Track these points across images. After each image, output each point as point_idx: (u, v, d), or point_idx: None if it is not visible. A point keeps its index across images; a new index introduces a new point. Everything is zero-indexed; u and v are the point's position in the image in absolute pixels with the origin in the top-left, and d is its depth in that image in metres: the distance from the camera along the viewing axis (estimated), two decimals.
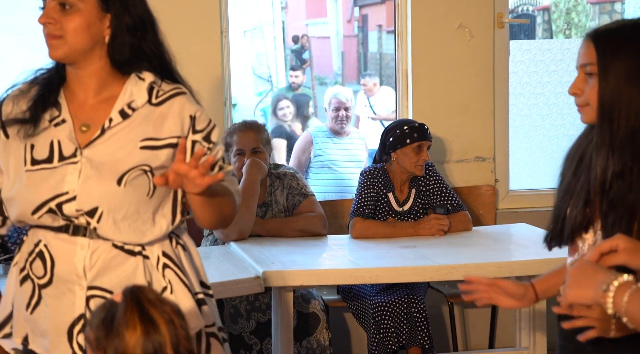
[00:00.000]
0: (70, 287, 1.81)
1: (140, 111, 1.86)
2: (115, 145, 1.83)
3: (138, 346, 1.38)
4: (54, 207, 1.80)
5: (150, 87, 1.87)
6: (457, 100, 4.10)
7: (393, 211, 3.64)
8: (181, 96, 1.88)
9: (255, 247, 3.28)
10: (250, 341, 3.38)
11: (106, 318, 1.42)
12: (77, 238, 1.82)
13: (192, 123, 1.87)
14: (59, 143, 1.83)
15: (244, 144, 3.52)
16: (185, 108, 1.87)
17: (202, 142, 1.88)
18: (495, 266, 3.09)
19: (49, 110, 1.86)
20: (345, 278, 3.15)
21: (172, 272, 1.87)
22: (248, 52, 8.52)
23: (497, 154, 4.18)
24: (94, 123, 1.85)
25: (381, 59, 10.13)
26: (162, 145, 1.85)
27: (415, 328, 3.45)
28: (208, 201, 1.84)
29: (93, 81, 1.86)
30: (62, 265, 1.82)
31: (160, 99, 1.87)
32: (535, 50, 4.31)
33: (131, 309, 1.40)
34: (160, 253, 1.86)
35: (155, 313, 1.41)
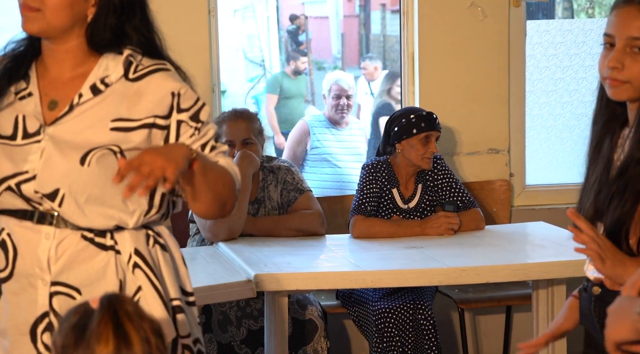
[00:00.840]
0: (32, 282, 1.81)
1: (115, 87, 1.85)
2: (84, 123, 1.82)
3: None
4: (13, 186, 1.80)
5: (128, 61, 1.86)
6: (468, 87, 4.09)
7: (398, 208, 3.64)
8: (163, 72, 1.88)
9: (246, 248, 3.28)
10: (241, 351, 3.38)
11: (77, 326, 1.41)
12: (42, 226, 1.81)
13: (177, 102, 1.86)
14: (24, 118, 1.83)
15: (234, 135, 3.52)
16: (166, 85, 1.86)
17: (189, 121, 1.87)
18: (510, 269, 3.09)
19: (16, 83, 1.86)
20: (345, 282, 3.16)
21: (142, 274, 1.85)
22: (239, 34, 8.51)
23: (512, 146, 4.18)
24: (62, 100, 1.85)
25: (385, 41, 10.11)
26: (136, 127, 1.83)
27: (422, 336, 3.46)
28: (200, 185, 1.81)
29: (68, 58, 1.87)
30: (25, 256, 1.81)
31: (138, 74, 1.86)
32: (555, 31, 4.31)
33: (106, 321, 1.39)
34: (132, 250, 1.85)
35: (132, 329, 1.39)
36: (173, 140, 1.86)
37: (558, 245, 3.35)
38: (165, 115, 1.86)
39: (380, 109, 5.86)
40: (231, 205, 1.92)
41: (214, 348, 3.37)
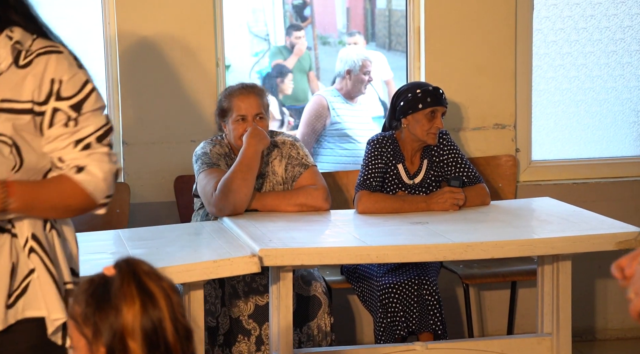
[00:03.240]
0: None
1: (5, 75, 1.84)
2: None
3: (137, 322, 1.40)
4: None
5: (15, 48, 1.84)
6: (474, 61, 4.08)
7: (403, 184, 3.63)
8: (50, 55, 1.86)
9: (251, 223, 3.28)
10: (249, 326, 3.39)
11: (96, 292, 1.42)
12: None
13: (57, 89, 1.84)
14: None
15: (246, 109, 3.49)
16: (49, 69, 1.84)
17: (68, 110, 1.85)
18: (516, 244, 3.09)
19: None
20: (350, 257, 3.16)
21: (37, 258, 1.87)
22: (243, 8, 8.46)
23: (519, 121, 4.17)
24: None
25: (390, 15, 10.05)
26: (18, 109, 1.83)
27: (427, 312, 3.47)
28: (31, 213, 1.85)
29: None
30: None
31: (27, 60, 1.85)
32: (563, 5, 4.28)
33: (128, 281, 1.41)
34: (29, 234, 1.87)
35: (154, 286, 1.42)
36: (46, 127, 1.85)
37: (564, 221, 3.35)
38: (42, 101, 1.84)
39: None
40: (93, 208, 1.91)
41: (226, 321, 3.39)
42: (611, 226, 3.21)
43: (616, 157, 4.31)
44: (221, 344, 3.36)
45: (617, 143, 4.34)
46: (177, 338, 1.41)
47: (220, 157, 3.51)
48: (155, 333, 1.40)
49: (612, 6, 4.28)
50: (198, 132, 3.85)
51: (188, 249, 3.06)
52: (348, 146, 4.29)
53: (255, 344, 3.37)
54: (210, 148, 3.52)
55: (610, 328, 4.27)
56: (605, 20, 4.28)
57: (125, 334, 1.39)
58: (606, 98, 4.33)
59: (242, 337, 3.38)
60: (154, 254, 2.97)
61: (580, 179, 4.23)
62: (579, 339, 4.06)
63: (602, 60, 4.31)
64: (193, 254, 2.98)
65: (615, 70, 4.31)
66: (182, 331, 1.42)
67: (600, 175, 4.25)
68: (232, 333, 3.39)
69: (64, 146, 1.87)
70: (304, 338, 3.42)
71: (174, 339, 1.41)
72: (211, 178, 3.42)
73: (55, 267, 1.89)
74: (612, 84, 4.31)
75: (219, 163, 3.48)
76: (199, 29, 3.86)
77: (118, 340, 1.39)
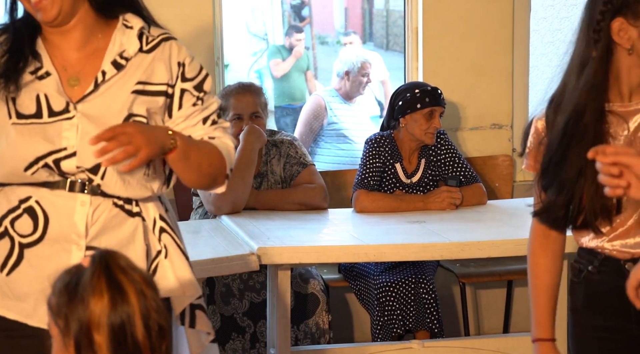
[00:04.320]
0: (66, 246, 1.84)
1: (134, 60, 1.89)
2: (110, 98, 1.86)
3: (104, 316, 1.36)
4: (51, 163, 1.83)
5: (140, 33, 1.90)
6: (472, 61, 4.08)
7: (400, 183, 3.63)
8: (171, 41, 1.93)
9: (249, 221, 3.28)
10: (243, 324, 3.39)
11: (70, 283, 1.40)
12: (76, 194, 1.85)
13: (182, 71, 1.91)
14: (46, 97, 1.86)
15: (242, 108, 3.51)
16: (174, 54, 1.91)
17: (193, 90, 1.92)
18: (512, 243, 3.09)
19: (28, 63, 1.88)
20: (348, 256, 3.16)
21: (169, 237, 1.92)
22: (242, 8, 8.46)
23: (516, 121, 4.17)
24: (83, 77, 1.88)
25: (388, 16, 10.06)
26: (155, 91, 1.88)
27: (424, 310, 3.47)
28: (182, 164, 1.86)
29: (78, 33, 1.88)
30: (59, 222, 1.84)
31: (150, 45, 1.91)
32: (560, 6, 4.28)
33: (99, 274, 1.38)
34: (157, 215, 1.91)
35: (126, 281, 1.38)
36: (176, 109, 1.91)
37: None
38: (174, 83, 1.91)
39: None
40: (222, 180, 1.96)
41: (217, 319, 3.39)
42: None
43: None
44: None
45: None
46: (146, 336, 1.37)
47: None
48: (123, 329, 1.36)
49: None
50: None
51: (187, 247, 3.05)
52: (345, 146, 4.29)
53: (250, 341, 3.38)
54: None
55: None
56: None
57: (91, 328, 1.36)
58: None
59: (235, 335, 3.38)
60: None
61: None
62: None
63: None
64: (191, 252, 2.92)
65: None
66: (154, 328, 1.38)
67: None
68: (223, 331, 3.38)
69: (194, 123, 1.92)
70: (301, 336, 3.42)
71: (144, 337, 1.37)
72: None
73: (183, 245, 1.93)
74: None
75: None
76: (199, 28, 3.86)
77: (84, 334, 1.37)
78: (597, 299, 1.90)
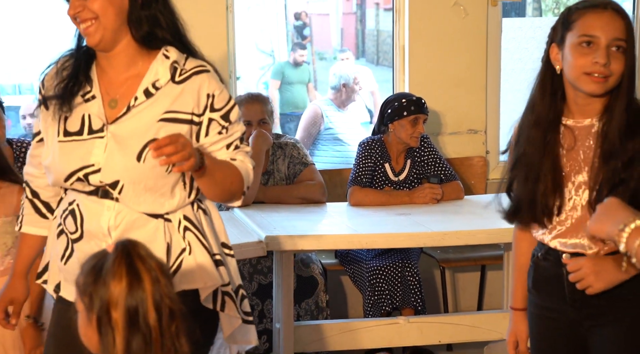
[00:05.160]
0: (98, 243, 1.86)
1: (164, 89, 1.88)
2: (139, 121, 1.86)
3: (121, 298, 1.37)
4: (82, 177, 1.87)
5: (173, 66, 1.89)
6: (451, 75, 4.07)
7: (389, 180, 3.63)
8: (203, 74, 1.90)
9: (258, 213, 3.28)
10: (253, 302, 3.39)
11: (96, 266, 1.41)
12: (105, 200, 1.87)
13: (211, 102, 1.89)
14: (89, 117, 1.88)
15: (251, 115, 3.51)
16: (204, 86, 1.89)
17: (220, 120, 1.90)
18: (486, 233, 3.09)
19: (82, 87, 1.90)
20: (343, 243, 3.16)
21: (192, 234, 1.90)
22: (252, 28, 8.45)
23: (489, 127, 4.16)
24: (121, 100, 1.89)
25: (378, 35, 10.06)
26: (181, 119, 1.87)
27: (409, 290, 3.47)
28: (207, 180, 1.86)
29: (121, 59, 1.89)
30: (91, 223, 1.88)
31: (182, 77, 1.89)
32: (526, 28, 4.28)
33: (120, 261, 1.39)
34: (182, 216, 1.90)
35: (143, 269, 1.39)
36: (203, 135, 1.89)
37: None
38: (200, 113, 1.89)
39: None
40: (240, 195, 1.96)
41: None
42: None
43: None
44: None
45: None
46: (157, 318, 1.37)
47: None
48: (137, 311, 1.37)
49: None
50: None
51: None
52: (340, 148, 4.29)
53: (258, 317, 3.38)
54: None
55: None
56: None
57: (110, 307, 1.37)
58: None
59: None
60: None
61: None
62: None
63: None
64: None
65: None
66: (165, 312, 1.38)
67: None
68: None
69: (219, 149, 1.91)
70: (302, 313, 3.42)
71: (154, 320, 1.37)
72: None
73: (206, 241, 1.92)
74: None
75: None
76: (215, 46, 3.85)
77: (104, 311, 1.37)
78: (542, 282, 1.93)
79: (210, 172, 1.84)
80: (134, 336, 1.36)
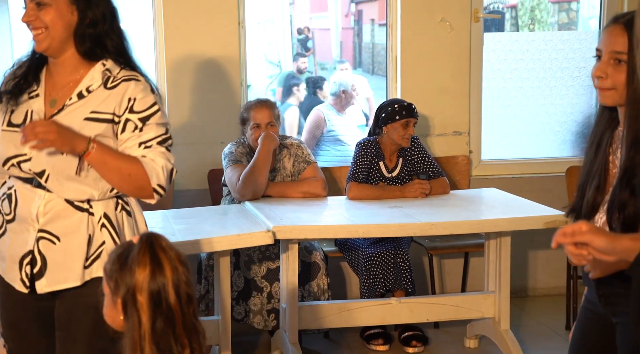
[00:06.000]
0: (26, 227, 1.90)
1: (95, 93, 1.91)
2: (69, 119, 1.89)
3: (145, 283, 1.37)
4: (16, 164, 1.90)
5: (105, 74, 1.92)
6: (438, 83, 4.06)
7: (383, 177, 3.61)
8: (131, 81, 1.92)
9: (266, 206, 3.26)
10: (262, 285, 3.38)
11: (122, 255, 1.41)
12: (37, 189, 1.90)
13: (131, 105, 1.91)
14: (31, 113, 1.92)
15: (260, 119, 3.48)
16: (128, 91, 1.91)
17: (136, 121, 1.91)
18: (469, 224, 3.08)
19: (30, 86, 1.94)
20: (342, 233, 3.14)
21: (107, 232, 1.91)
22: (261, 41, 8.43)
23: (472, 129, 4.15)
24: (59, 100, 1.93)
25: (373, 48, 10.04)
26: (102, 119, 1.89)
27: (400, 274, 3.45)
28: (99, 165, 1.87)
29: (66, 66, 1.93)
30: (23, 208, 1.90)
31: (113, 84, 1.92)
32: (505, 41, 4.26)
33: (144, 251, 1.39)
34: (102, 213, 1.91)
35: (164, 258, 1.39)
36: (119, 132, 1.91)
37: (505, 206, 3.33)
38: (120, 114, 1.91)
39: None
40: (149, 190, 1.92)
41: (241, 281, 3.37)
42: (540, 210, 3.20)
43: (544, 158, 4.29)
44: (235, 298, 3.35)
45: (545, 147, 4.32)
46: (177, 301, 1.38)
47: (242, 155, 3.49)
48: (159, 294, 1.37)
49: (542, 43, 4.28)
50: (226, 135, 3.83)
51: (218, 225, 3.05)
52: (340, 148, 4.27)
53: (267, 298, 3.36)
54: (235, 148, 3.50)
55: (538, 287, 4.26)
56: (537, 53, 4.27)
57: (136, 291, 1.37)
58: (537, 113, 4.31)
59: (255, 293, 3.37)
60: (191, 229, 2.95)
61: (517, 174, 4.21)
62: (515, 296, 4.05)
63: (534, 84, 4.29)
64: (222, 229, 2.96)
65: (545, 91, 4.30)
66: (184, 296, 1.39)
67: (533, 171, 4.23)
68: (246, 290, 3.37)
69: (131, 145, 1.92)
70: (306, 294, 3.40)
71: (175, 302, 1.38)
72: (236, 171, 3.40)
73: (120, 239, 1.92)
74: (542, 102, 4.30)
75: (242, 160, 3.46)
76: (228, 57, 3.84)
77: (130, 295, 1.38)
78: (585, 274, 1.76)
79: (101, 158, 1.85)
80: (158, 316, 1.37)
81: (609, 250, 1.47)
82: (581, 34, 4.65)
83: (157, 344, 1.36)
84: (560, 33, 5.38)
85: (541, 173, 4.22)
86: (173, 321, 1.37)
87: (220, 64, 3.85)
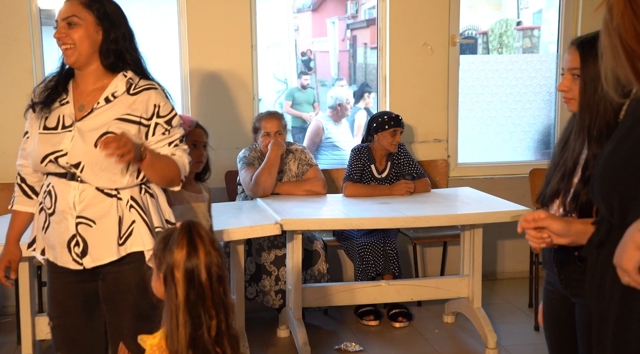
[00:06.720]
0: (65, 216, 1.91)
1: (120, 98, 1.93)
2: (98, 120, 1.92)
3: (182, 262, 1.39)
4: (53, 159, 1.91)
5: (129, 82, 1.95)
6: (421, 98, 4.06)
7: (374, 177, 3.62)
8: (152, 90, 1.96)
9: (275, 202, 3.27)
10: (270, 269, 3.38)
11: (165, 237, 1.44)
12: (71, 182, 1.91)
13: (157, 110, 1.94)
14: (63, 117, 1.94)
15: (270, 128, 3.49)
16: (152, 99, 1.94)
17: (164, 124, 1.95)
18: (447, 217, 3.08)
19: (60, 95, 1.97)
20: (339, 225, 3.14)
21: (135, 211, 1.93)
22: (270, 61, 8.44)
23: (450, 137, 4.15)
24: (87, 105, 1.95)
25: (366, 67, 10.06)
26: (132, 120, 1.92)
27: (389, 260, 3.45)
28: (149, 168, 1.90)
29: (91, 77, 1.96)
30: (62, 200, 1.92)
31: (135, 91, 1.95)
32: (478, 63, 4.27)
33: (183, 235, 1.41)
34: (129, 197, 1.93)
35: (199, 243, 1.41)
36: (150, 135, 1.94)
37: (478, 202, 3.34)
38: (149, 117, 1.93)
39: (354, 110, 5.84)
40: (178, 182, 1.99)
41: (253, 266, 3.37)
42: (508, 206, 3.20)
43: (511, 161, 4.29)
44: (248, 280, 3.35)
45: (512, 152, 4.33)
46: (208, 279, 1.40)
47: (254, 158, 3.49)
48: (193, 272, 1.39)
49: (509, 64, 4.27)
50: (240, 141, 3.84)
51: (234, 218, 3.05)
52: (336, 153, 4.28)
53: (275, 280, 3.36)
54: (248, 153, 3.51)
55: (506, 271, 4.27)
56: (505, 73, 4.28)
57: (174, 268, 1.39)
58: (505, 123, 4.31)
59: (265, 276, 3.37)
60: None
61: (489, 175, 4.22)
62: (486, 279, 4.06)
63: (502, 99, 4.30)
64: (237, 221, 2.97)
65: (511, 105, 4.30)
66: (214, 275, 1.40)
67: (502, 173, 4.24)
68: (257, 274, 3.37)
69: (162, 145, 1.95)
70: (308, 277, 3.41)
71: (205, 280, 1.39)
72: (249, 172, 3.41)
73: (147, 217, 1.93)
74: (509, 114, 4.30)
75: (254, 163, 3.46)
76: (242, 75, 3.84)
77: (169, 271, 1.40)
78: (546, 260, 1.75)
79: (151, 162, 1.90)
80: (191, 290, 1.39)
81: (564, 233, 1.48)
82: (542, 56, 4.66)
83: (190, 313, 1.38)
84: (524, 56, 5.38)
85: (508, 174, 4.23)
86: (203, 295, 1.39)
87: (235, 81, 3.85)
